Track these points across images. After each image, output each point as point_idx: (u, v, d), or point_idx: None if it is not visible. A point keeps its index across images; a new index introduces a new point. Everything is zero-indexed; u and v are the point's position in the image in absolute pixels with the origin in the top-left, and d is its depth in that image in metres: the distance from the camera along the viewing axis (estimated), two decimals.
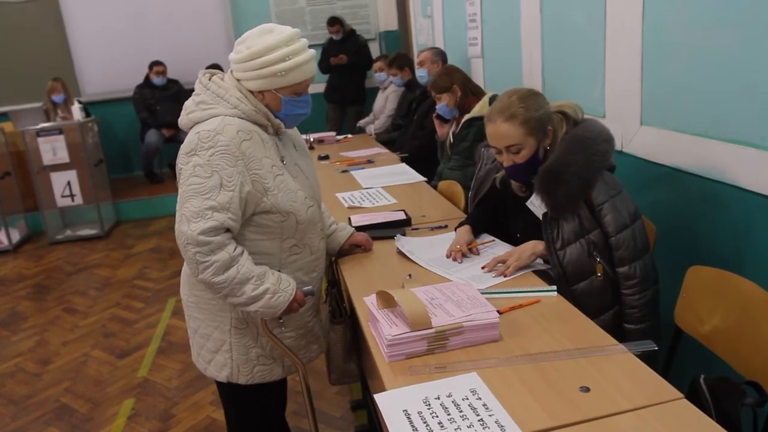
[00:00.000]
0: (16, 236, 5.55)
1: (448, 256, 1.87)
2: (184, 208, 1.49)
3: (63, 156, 5.33)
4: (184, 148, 1.54)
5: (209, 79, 1.61)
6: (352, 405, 2.60)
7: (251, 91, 1.58)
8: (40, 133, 5.27)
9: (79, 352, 3.38)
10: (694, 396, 1.37)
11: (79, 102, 5.69)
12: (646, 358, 1.45)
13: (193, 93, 1.62)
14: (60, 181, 5.38)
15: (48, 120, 5.61)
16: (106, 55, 6.62)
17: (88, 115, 5.69)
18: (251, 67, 1.53)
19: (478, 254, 1.88)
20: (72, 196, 5.43)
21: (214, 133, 1.50)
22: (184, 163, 1.52)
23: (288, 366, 1.76)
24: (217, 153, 1.49)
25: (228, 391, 1.79)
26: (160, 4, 6.63)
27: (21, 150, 5.46)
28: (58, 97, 5.79)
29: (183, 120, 1.62)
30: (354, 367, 1.86)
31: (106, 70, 6.62)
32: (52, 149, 5.30)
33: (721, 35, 1.73)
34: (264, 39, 1.52)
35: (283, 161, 1.63)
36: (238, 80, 1.58)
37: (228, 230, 1.52)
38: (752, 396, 1.31)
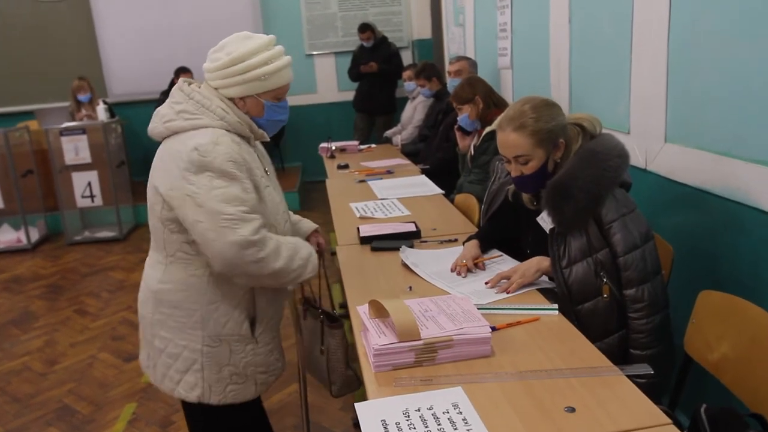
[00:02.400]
0: (35, 235, 5.76)
1: (452, 270, 1.91)
2: (222, 220, 1.51)
3: (85, 156, 5.52)
4: (183, 166, 1.52)
5: (188, 87, 1.63)
6: (354, 422, 2.62)
7: (232, 100, 1.63)
8: (63, 132, 5.48)
9: (86, 354, 3.49)
10: (695, 427, 1.37)
11: (105, 102, 5.90)
12: (651, 386, 1.46)
13: (171, 100, 1.63)
14: (81, 181, 5.57)
15: (73, 120, 5.82)
16: (134, 56, 6.86)
17: (112, 115, 5.88)
18: (233, 73, 1.58)
19: (484, 269, 1.90)
20: (92, 197, 5.61)
21: (213, 145, 1.54)
22: (193, 182, 1.52)
23: (261, 384, 1.76)
24: (224, 162, 1.53)
25: (198, 413, 1.77)
26: (190, 8, 6.85)
27: (44, 149, 5.68)
28: (83, 96, 6.01)
29: (158, 128, 1.62)
30: (353, 374, 1.89)
31: (133, 72, 6.86)
32: (75, 149, 5.50)
33: (747, 52, 1.74)
34: (245, 44, 1.58)
35: (266, 172, 1.70)
36: (216, 89, 1.62)
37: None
38: (755, 429, 1.30)
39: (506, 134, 1.74)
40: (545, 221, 1.78)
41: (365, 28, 6.33)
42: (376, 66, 6.23)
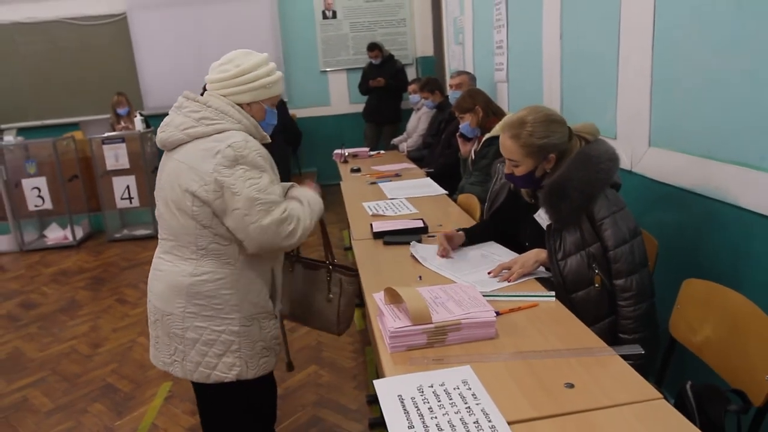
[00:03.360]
0: (80, 233, 5.78)
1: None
2: (258, 205, 1.57)
3: (124, 162, 5.54)
4: (217, 161, 1.55)
5: (198, 97, 1.66)
6: (368, 399, 2.62)
7: (240, 105, 1.67)
8: (105, 141, 5.50)
9: (127, 338, 3.50)
10: (681, 402, 1.36)
11: (141, 114, 5.92)
12: (640, 366, 1.44)
13: (183, 110, 1.64)
14: (120, 185, 5.59)
15: (113, 131, 5.85)
16: (167, 74, 6.87)
17: (148, 126, 5.90)
18: (244, 81, 1.64)
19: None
20: (130, 198, 5.62)
21: (245, 141, 1.59)
22: (228, 174, 1.55)
23: (277, 354, 1.83)
24: (256, 157, 1.60)
25: (227, 391, 1.76)
26: (216, 32, 6.83)
27: (88, 156, 5.70)
28: (122, 110, 6.02)
29: (175, 135, 1.62)
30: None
31: (166, 86, 6.86)
32: (115, 156, 5.51)
33: (724, 62, 1.72)
34: (250, 57, 1.67)
35: (273, 169, 1.71)
36: (224, 96, 1.65)
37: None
38: (737, 403, 1.29)
39: (504, 137, 1.74)
40: (542, 218, 1.77)
41: (374, 47, 6.33)
42: (384, 81, 6.23)
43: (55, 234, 5.76)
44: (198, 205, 1.59)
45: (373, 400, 2.59)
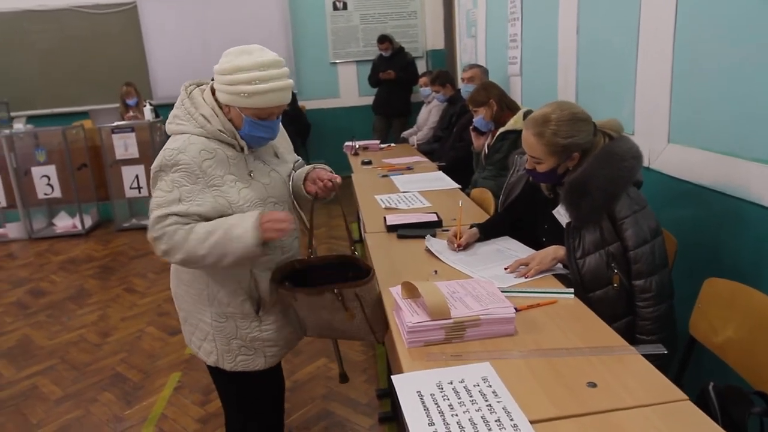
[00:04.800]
0: (88, 222, 5.79)
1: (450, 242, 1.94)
2: (151, 216, 1.52)
3: (133, 152, 5.53)
4: (154, 163, 1.56)
5: (189, 93, 1.60)
6: (378, 393, 2.60)
7: (221, 105, 1.57)
8: (114, 130, 5.49)
9: (135, 328, 3.50)
10: (702, 402, 1.33)
11: (150, 104, 5.91)
12: (657, 367, 1.42)
13: (176, 103, 1.62)
14: (129, 174, 5.58)
15: (122, 120, 5.84)
16: (177, 62, 6.86)
17: (157, 116, 5.89)
18: (222, 81, 1.52)
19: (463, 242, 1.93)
20: (139, 188, 5.62)
21: (177, 152, 1.51)
22: (153, 177, 1.55)
23: (270, 357, 1.71)
24: (178, 171, 1.51)
25: (216, 374, 1.77)
26: (226, 22, 6.81)
27: (97, 145, 5.70)
28: (131, 101, 6.02)
29: (165, 127, 1.65)
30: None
31: (175, 75, 6.84)
32: (124, 145, 5.51)
33: (748, 57, 1.68)
34: (240, 58, 1.48)
35: (251, 175, 1.60)
36: (213, 90, 1.58)
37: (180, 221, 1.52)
38: (760, 405, 1.26)
39: (527, 134, 1.70)
40: (561, 215, 1.75)
41: (384, 39, 6.30)
42: (394, 74, 6.20)
43: (63, 222, 5.78)
44: None
45: (384, 395, 2.58)
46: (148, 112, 5.68)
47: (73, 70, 6.85)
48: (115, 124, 5.55)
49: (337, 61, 7.14)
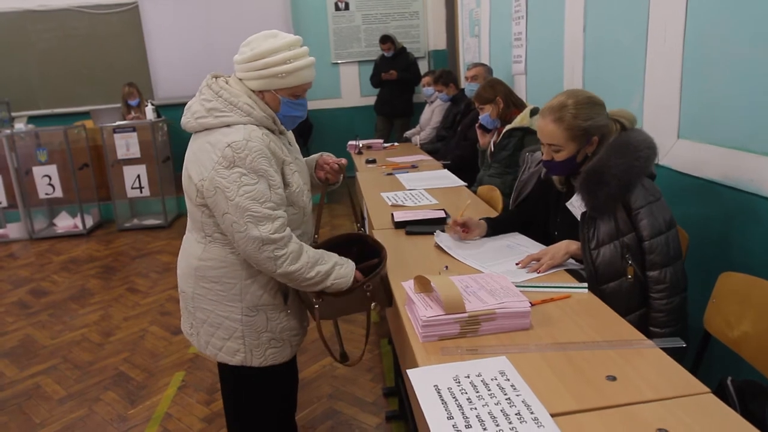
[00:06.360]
0: (90, 222, 5.77)
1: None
2: (247, 216, 1.47)
3: (135, 152, 5.52)
4: (216, 159, 1.48)
5: (216, 84, 1.57)
6: (385, 392, 2.58)
7: (253, 91, 1.56)
8: (116, 130, 5.48)
9: (138, 327, 3.47)
10: (720, 397, 1.31)
11: (152, 104, 5.89)
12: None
13: (200, 97, 1.57)
14: (131, 174, 5.57)
15: (124, 120, 5.83)
16: (179, 63, 6.84)
17: (159, 116, 5.88)
18: (254, 68, 1.52)
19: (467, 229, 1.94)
20: (141, 188, 5.61)
21: (245, 141, 1.48)
22: (225, 176, 1.47)
23: (295, 346, 1.75)
24: (255, 158, 1.48)
25: (238, 375, 1.73)
26: (228, 22, 6.80)
27: (99, 145, 5.69)
28: (133, 101, 6.00)
29: (190, 122, 1.57)
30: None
31: (177, 75, 6.83)
32: (126, 145, 5.49)
33: (759, 51, 1.67)
34: (268, 42, 1.52)
35: (297, 158, 1.65)
36: (241, 80, 1.57)
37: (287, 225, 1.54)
38: None
39: (545, 122, 1.69)
40: (575, 207, 1.73)
41: (386, 40, 6.28)
42: (396, 74, 6.19)
43: (65, 222, 5.75)
44: (200, 197, 1.55)
45: (390, 393, 2.56)
46: (149, 111, 5.67)
47: (74, 70, 6.83)
48: (117, 123, 5.54)
49: (339, 61, 7.13)
